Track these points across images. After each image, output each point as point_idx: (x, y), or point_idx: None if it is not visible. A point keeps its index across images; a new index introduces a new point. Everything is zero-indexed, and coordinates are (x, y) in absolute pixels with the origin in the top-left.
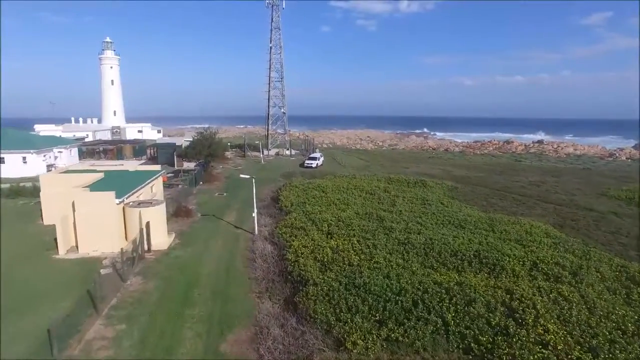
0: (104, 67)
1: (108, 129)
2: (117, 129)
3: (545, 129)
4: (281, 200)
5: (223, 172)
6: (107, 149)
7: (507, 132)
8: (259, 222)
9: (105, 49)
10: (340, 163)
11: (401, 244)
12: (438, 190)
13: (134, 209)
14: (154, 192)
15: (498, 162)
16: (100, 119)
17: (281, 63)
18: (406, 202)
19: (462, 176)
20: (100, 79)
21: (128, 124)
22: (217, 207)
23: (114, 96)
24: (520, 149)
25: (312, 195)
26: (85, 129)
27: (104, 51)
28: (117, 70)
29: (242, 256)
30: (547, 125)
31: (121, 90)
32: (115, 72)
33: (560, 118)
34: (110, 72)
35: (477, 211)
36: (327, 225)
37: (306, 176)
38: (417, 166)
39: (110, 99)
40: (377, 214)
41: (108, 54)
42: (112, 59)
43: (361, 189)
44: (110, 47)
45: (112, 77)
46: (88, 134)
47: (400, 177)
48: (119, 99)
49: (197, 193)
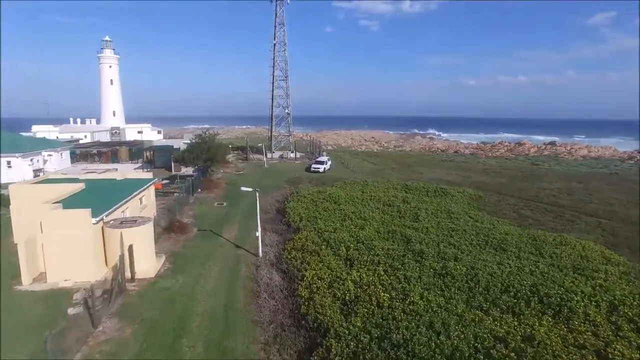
0: (102, 67)
1: (107, 129)
2: (116, 130)
3: (551, 129)
4: (288, 213)
5: (224, 178)
6: (101, 151)
7: (511, 132)
8: (264, 240)
9: (104, 47)
10: (349, 167)
11: (438, 276)
12: (461, 200)
13: (114, 229)
14: (143, 204)
15: (515, 166)
16: (99, 119)
17: (285, 61)
18: (430, 215)
19: (482, 182)
20: (99, 78)
21: (128, 125)
22: (216, 220)
23: (113, 96)
24: (533, 151)
25: (324, 207)
26: (84, 130)
27: (102, 50)
28: (116, 70)
29: (243, 288)
30: (553, 126)
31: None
32: (114, 72)
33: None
34: (109, 71)
35: (510, 226)
36: (345, 248)
37: (313, 182)
38: (432, 171)
39: (109, 99)
40: (401, 232)
41: (107, 53)
42: (111, 58)
43: (377, 199)
44: (109, 45)
45: (111, 77)
46: (86, 134)
47: (418, 185)
48: (119, 99)
49: (195, 202)
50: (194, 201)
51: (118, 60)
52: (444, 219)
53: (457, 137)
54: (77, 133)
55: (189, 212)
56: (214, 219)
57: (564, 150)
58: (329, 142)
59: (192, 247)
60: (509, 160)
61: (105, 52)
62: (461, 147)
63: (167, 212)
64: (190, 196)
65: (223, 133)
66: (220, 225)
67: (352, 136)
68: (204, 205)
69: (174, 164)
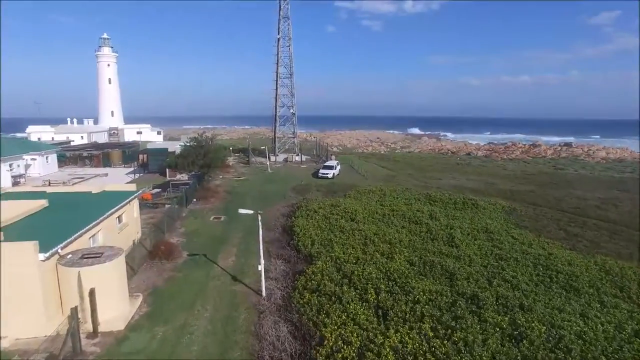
0: (100, 65)
1: (105, 130)
2: (114, 131)
3: (555, 129)
4: (297, 233)
5: (223, 185)
6: (92, 154)
7: (516, 133)
8: (268, 272)
9: (102, 45)
10: (360, 172)
11: (508, 339)
12: (495, 214)
13: (70, 268)
14: (124, 223)
15: (538, 171)
16: (97, 119)
17: (290, 57)
18: (467, 236)
19: (510, 191)
20: (97, 77)
21: (126, 125)
22: (211, 241)
23: (112, 95)
24: (550, 153)
25: (339, 225)
26: (81, 131)
27: (100, 48)
28: (114, 68)
29: (241, 349)
30: (556, 126)
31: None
32: (112, 70)
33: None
34: (107, 70)
35: (566, 250)
36: (374, 289)
37: (323, 190)
38: (451, 176)
39: (108, 98)
40: (439, 263)
41: (105, 51)
42: (109, 56)
43: (401, 214)
44: (108, 43)
45: (110, 76)
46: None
47: (443, 195)
48: (117, 99)
49: (188, 216)
50: (187, 214)
51: (117, 59)
52: (484, 240)
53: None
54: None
55: (180, 230)
56: (208, 238)
57: (581, 152)
58: (334, 143)
59: (179, 279)
60: (527, 163)
61: (103, 50)
62: (472, 149)
63: (155, 231)
64: (184, 208)
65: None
66: (216, 247)
67: (356, 137)
68: (198, 220)
69: (168, 169)
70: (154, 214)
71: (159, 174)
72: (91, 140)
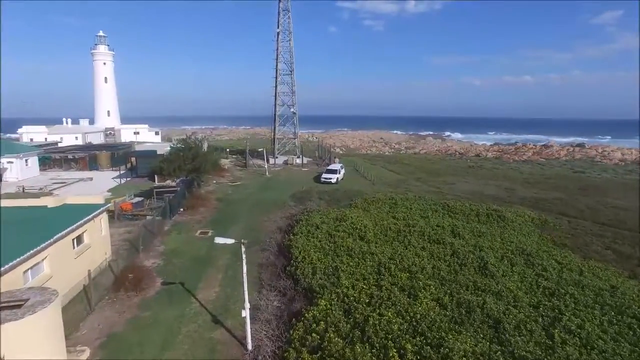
0: (96, 64)
1: (101, 130)
2: (111, 131)
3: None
4: (294, 255)
5: (215, 191)
6: (77, 156)
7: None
8: (258, 308)
9: (98, 43)
10: (366, 177)
11: None
12: (526, 228)
13: None
14: (84, 244)
15: (557, 174)
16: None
17: (291, 52)
18: (501, 261)
19: (535, 199)
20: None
21: (123, 126)
22: (193, 263)
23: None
24: (563, 154)
25: (346, 247)
26: (75, 131)
27: (96, 46)
28: (111, 67)
29: None
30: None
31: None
32: (109, 69)
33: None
34: (103, 68)
35: (626, 279)
36: (396, 350)
37: (325, 198)
38: (465, 181)
39: (104, 97)
40: (478, 304)
41: (101, 49)
42: (105, 55)
43: (419, 231)
44: (104, 41)
45: (106, 74)
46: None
47: (463, 205)
48: (114, 98)
49: (171, 230)
50: (170, 228)
51: (113, 57)
52: (523, 266)
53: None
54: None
55: (159, 248)
56: (190, 260)
57: (596, 153)
58: (337, 144)
59: (145, 321)
60: (542, 165)
61: (99, 48)
62: (481, 150)
63: (129, 249)
64: (168, 219)
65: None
66: (198, 271)
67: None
68: (182, 235)
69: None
70: (133, 227)
71: (147, 178)
72: (86, 141)
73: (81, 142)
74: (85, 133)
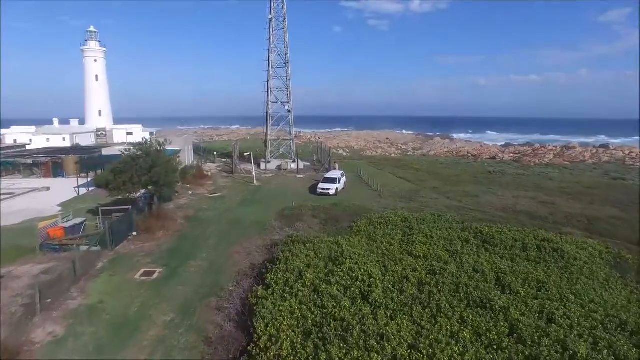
0: (87, 61)
1: (91, 131)
2: (102, 132)
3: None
4: (258, 331)
5: (187, 206)
6: (38, 162)
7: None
8: None
9: (89, 39)
10: (371, 186)
11: None
12: (600, 271)
13: None
14: None
15: (594, 182)
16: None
17: (285, 42)
18: (591, 345)
19: (585, 217)
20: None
21: (115, 126)
22: (113, 332)
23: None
24: (588, 156)
25: (339, 318)
26: (63, 132)
27: (87, 42)
28: (102, 64)
29: None
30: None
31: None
32: (100, 66)
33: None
34: (94, 66)
35: None
36: None
37: (320, 216)
38: (489, 190)
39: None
40: None
41: (91, 45)
42: (96, 51)
43: (451, 282)
44: (95, 37)
45: (97, 72)
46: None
47: (501, 232)
48: (105, 97)
49: (105, 267)
50: (107, 263)
51: (105, 54)
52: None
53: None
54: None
55: (73, 302)
56: (110, 327)
57: (622, 154)
58: (341, 145)
59: None
60: (571, 170)
61: (89, 44)
62: (496, 151)
63: (25, 308)
64: (109, 250)
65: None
66: (115, 352)
67: (364, 137)
68: (116, 277)
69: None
70: (57, 262)
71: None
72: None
73: (69, 143)
74: (74, 134)
